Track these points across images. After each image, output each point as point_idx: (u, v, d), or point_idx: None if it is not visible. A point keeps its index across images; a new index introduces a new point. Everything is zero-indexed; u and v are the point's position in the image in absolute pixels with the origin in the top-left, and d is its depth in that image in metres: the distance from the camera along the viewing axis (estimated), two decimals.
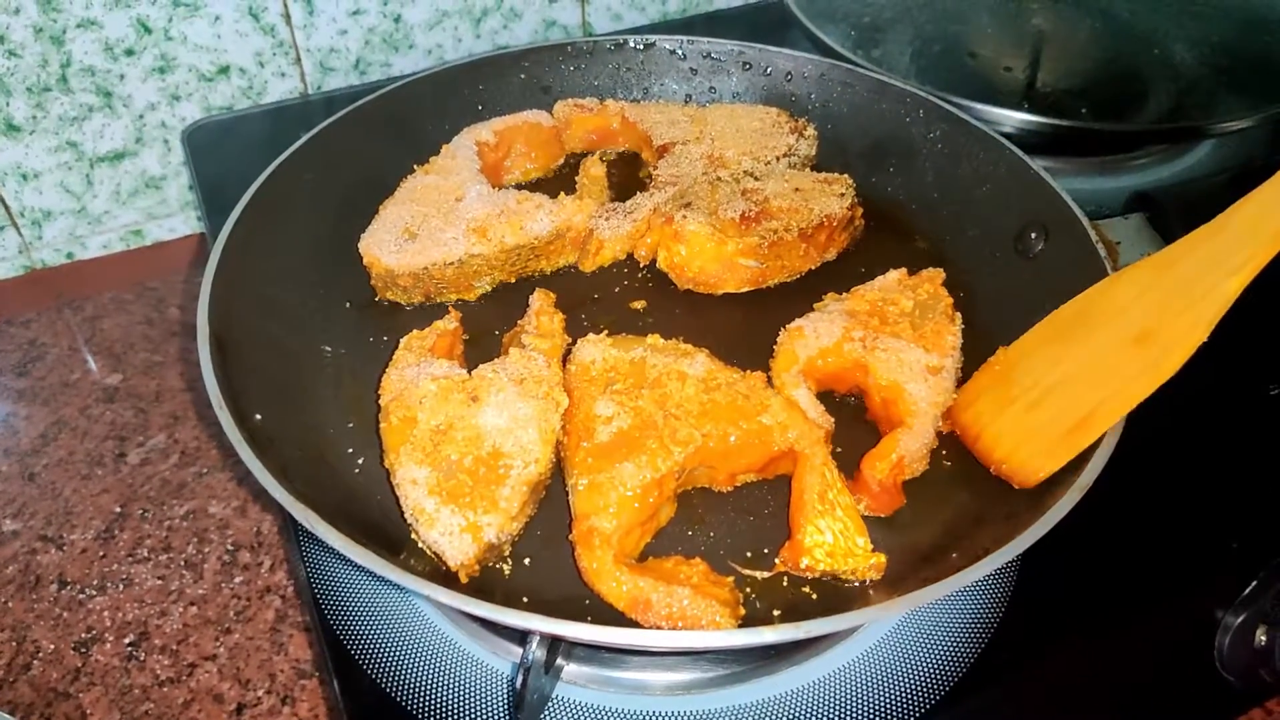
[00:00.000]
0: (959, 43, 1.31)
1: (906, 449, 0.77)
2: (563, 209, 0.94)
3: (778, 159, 1.01)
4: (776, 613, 0.70)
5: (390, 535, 0.72)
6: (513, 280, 0.96)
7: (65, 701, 0.87)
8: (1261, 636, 0.84)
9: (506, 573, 0.72)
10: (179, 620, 0.93)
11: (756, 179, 0.97)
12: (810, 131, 1.05)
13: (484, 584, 0.69)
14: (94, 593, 0.95)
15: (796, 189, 0.95)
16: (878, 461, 0.76)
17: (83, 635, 0.92)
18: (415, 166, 0.99)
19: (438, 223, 0.91)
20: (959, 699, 0.76)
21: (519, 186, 1.06)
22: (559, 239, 0.94)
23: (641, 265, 0.98)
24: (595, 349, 0.81)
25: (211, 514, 1.02)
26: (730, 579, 0.71)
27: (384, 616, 0.80)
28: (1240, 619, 0.84)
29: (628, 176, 1.08)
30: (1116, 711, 0.82)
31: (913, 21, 1.33)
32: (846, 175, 1.00)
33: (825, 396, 0.85)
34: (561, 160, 1.10)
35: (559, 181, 1.08)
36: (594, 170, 1.04)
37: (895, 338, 0.84)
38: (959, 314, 0.88)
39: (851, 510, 0.72)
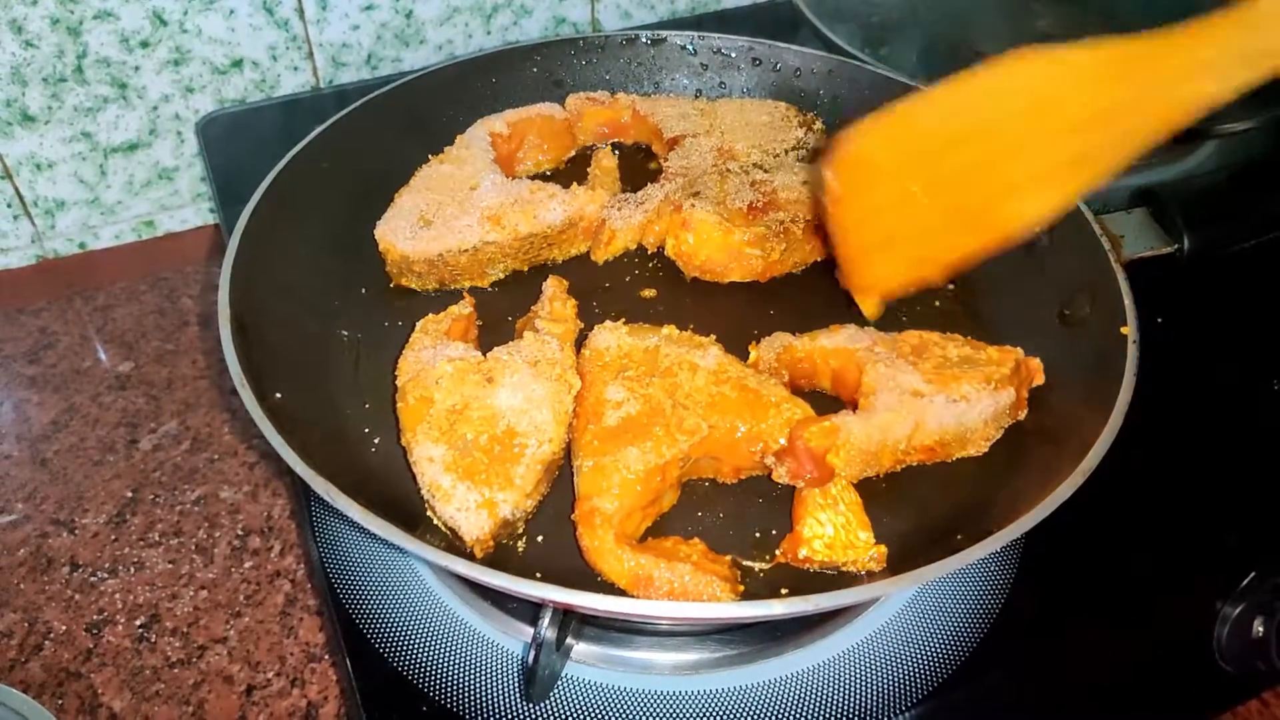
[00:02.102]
0: (965, 43, 1.32)
1: (848, 429, 0.74)
2: (575, 199, 0.95)
3: (786, 152, 1.02)
4: (784, 590, 0.71)
5: (406, 513, 0.73)
6: (525, 269, 0.97)
7: (77, 681, 0.88)
8: (1259, 627, 0.84)
9: (520, 549, 0.73)
10: (190, 603, 0.94)
11: (766, 171, 0.99)
12: (819, 126, 1.07)
13: (498, 560, 0.71)
14: (105, 576, 0.96)
15: (805, 181, 0.97)
16: (813, 425, 0.74)
17: (94, 617, 0.92)
18: (430, 157, 1.00)
19: (453, 211, 0.93)
20: (958, 685, 0.78)
21: (531, 177, 1.07)
22: (571, 228, 0.96)
23: (650, 254, 0.99)
24: (611, 336, 0.82)
25: (222, 499, 1.03)
26: (729, 557, 0.72)
27: (396, 598, 0.82)
28: (1238, 610, 0.85)
29: (638, 168, 1.10)
30: (1115, 700, 0.83)
31: (919, 22, 1.35)
32: None
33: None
34: (573, 152, 1.12)
35: (570, 173, 1.10)
36: (606, 162, 1.05)
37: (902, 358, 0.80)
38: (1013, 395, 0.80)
39: (855, 505, 0.73)
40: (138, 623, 0.92)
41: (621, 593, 0.68)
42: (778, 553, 0.73)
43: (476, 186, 0.95)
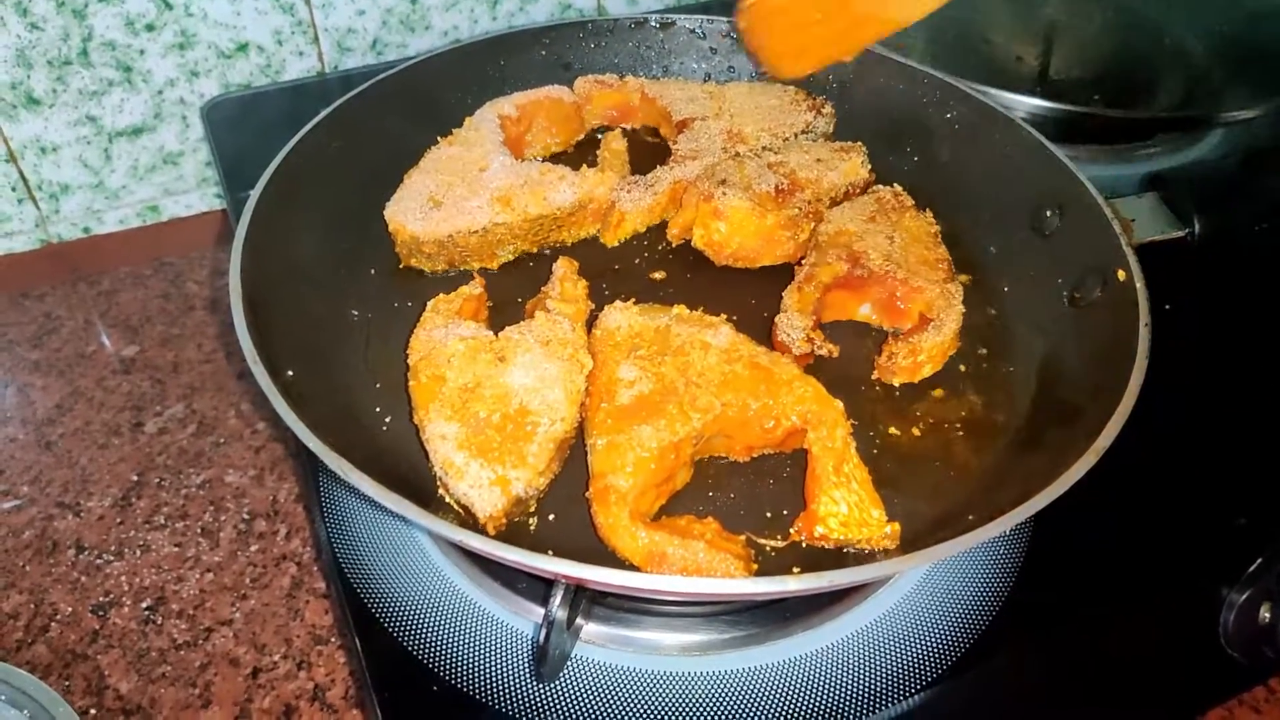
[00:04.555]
0: (973, 30, 1.32)
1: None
2: (585, 181, 0.95)
3: (795, 136, 1.02)
4: (796, 569, 0.71)
5: (418, 491, 0.73)
6: (534, 250, 0.97)
7: (84, 663, 0.88)
8: (1265, 614, 0.84)
9: (532, 527, 0.73)
10: (196, 586, 0.94)
11: (776, 154, 0.98)
12: (828, 109, 1.07)
13: (510, 538, 0.70)
14: (111, 558, 0.96)
15: (818, 159, 0.97)
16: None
17: (100, 599, 0.92)
18: (439, 139, 1.00)
19: (462, 192, 0.92)
20: (967, 667, 0.77)
21: (540, 160, 1.07)
22: (581, 210, 0.95)
23: (660, 236, 0.99)
24: (622, 316, 0.82)
25: (228, 483, 1.03)
26: (742, 536, 0.73)
27: (405, 578, 0.81)
28: (1245, 596, 0.84)
29: (647, 151, 1.09)
30: (1122, 684, 0.83)
31: None
32: (859, 142, 1.02)
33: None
34: (582, 135, 1.11)
35: (579, 156, 1.10)
36: (615, 144, 1.05)
37: None
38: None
39: (866, 483, 0.73)
40: (144, 605, 0.92)
41: (635, 569, 0.68)
42: (792, 531, 0.73)
43: (486, 168, 0.95)
